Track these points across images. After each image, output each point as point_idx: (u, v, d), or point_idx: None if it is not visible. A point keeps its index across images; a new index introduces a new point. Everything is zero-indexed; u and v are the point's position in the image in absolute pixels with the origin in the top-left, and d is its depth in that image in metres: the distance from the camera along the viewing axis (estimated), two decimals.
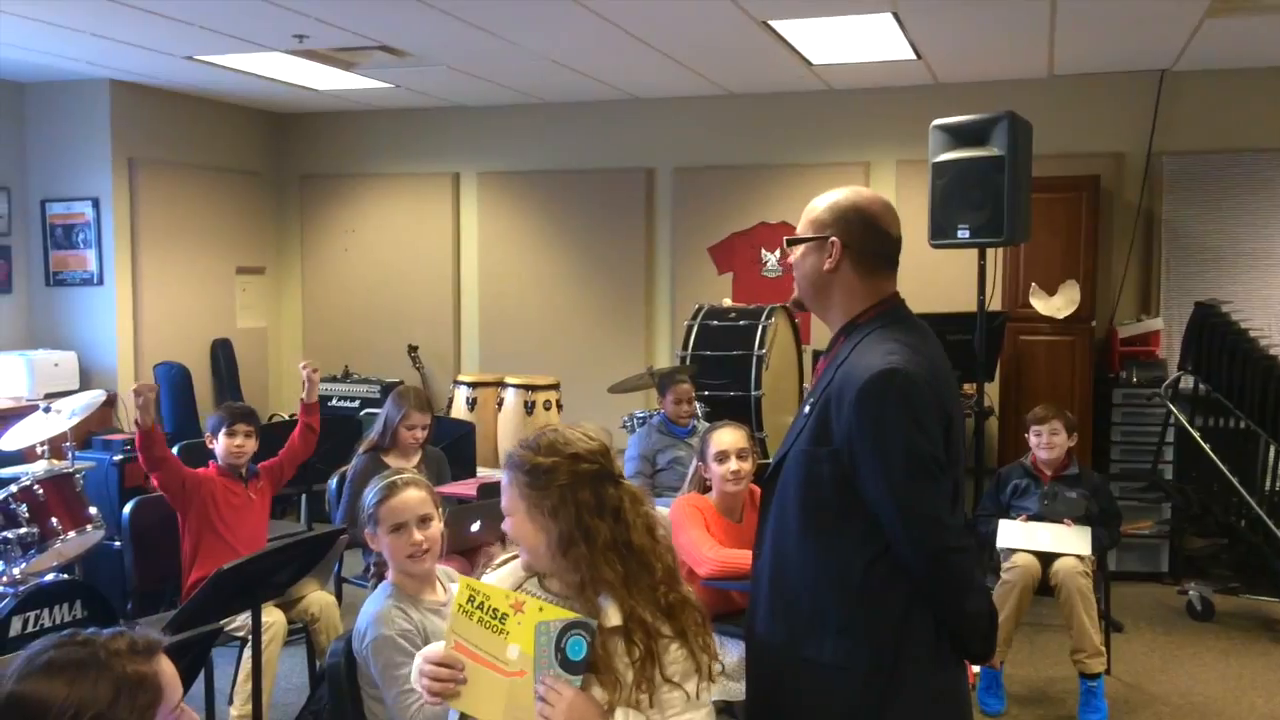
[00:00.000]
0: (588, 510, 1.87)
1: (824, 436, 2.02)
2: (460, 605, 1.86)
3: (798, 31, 5.42)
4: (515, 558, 2.02)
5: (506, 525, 1.94)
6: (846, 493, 1.99)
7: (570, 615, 1.79)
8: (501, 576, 2.01)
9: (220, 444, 4.22)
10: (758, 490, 3.58)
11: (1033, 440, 4.81)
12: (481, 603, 1.84)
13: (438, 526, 2.69)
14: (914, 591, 1.99)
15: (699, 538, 3.36)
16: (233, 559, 2.90)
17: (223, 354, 7.62)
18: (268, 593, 3.15)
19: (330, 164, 8.13)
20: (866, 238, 2.12)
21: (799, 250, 2.17)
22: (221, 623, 2.82)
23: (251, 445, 4.26)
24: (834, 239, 2.11)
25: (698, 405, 5.48)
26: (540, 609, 1.79)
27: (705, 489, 3.62)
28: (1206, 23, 5.24)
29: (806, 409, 2.10)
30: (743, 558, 3.12)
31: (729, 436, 3.57)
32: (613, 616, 1.83)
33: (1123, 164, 6.55)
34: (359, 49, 5.93)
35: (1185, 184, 6.40)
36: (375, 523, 2.67)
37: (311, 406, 4.49)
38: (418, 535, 2.62)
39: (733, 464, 3.50)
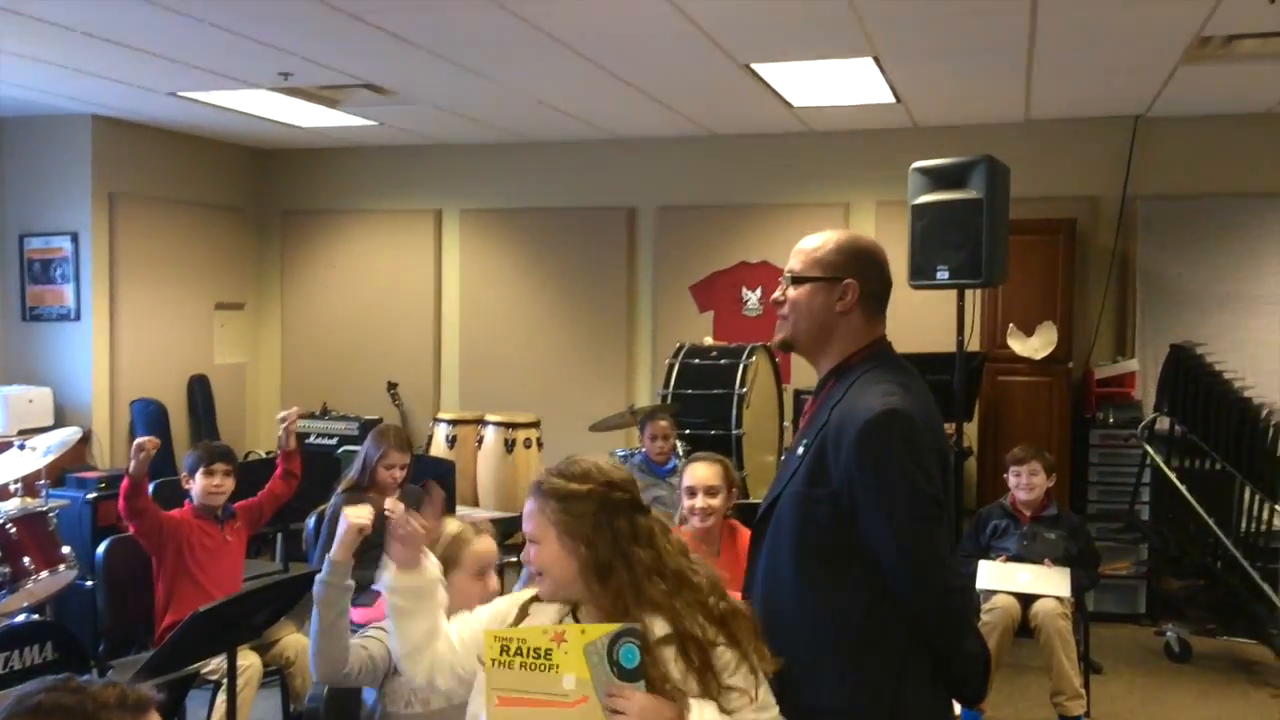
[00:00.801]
0: (625, 538, 1.89)
1: (821, 478, 2.01)
2: (494, 660, 1.84)
3: (779, 75, 5.48)
4: (531, 599, 2.03)
5: (530, 554, 1.94)
6: (844, 534, 1.98)
7: (614, 626, 1.80)
8: (536, 618, 2.01)
9: (197, 484, 4.17)
10: (735, 526, 3.57)
11: (1012, 481, 4.83)
12: (519, 648, 1.83)
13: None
14: (911, 633, 1.98)
15: None
16: (207, 602, 2.86)
17: (200, 391, 7.56)
18: (243, 635, 3.11)
19: (313, 200, 8.13)
20: (876, 281, 2.14)
21: (802, 289, 2.13)
22: (197, 666, 2.77)
23: (229, 484, 4.21)
24: (851, 281, 2.11)
25: (679, 444, 5.48)
26: (582, 631, 1.80)
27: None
28: (1180, 70, 5.34)
29: (800, 450, 2.08)
30: None
31: (701, 471, 3.57)
32: (658, 628, 1.84)
33: (1098, 207, 6.63)
34: (343, 87, 5.95)
35: (1159, 228, 6.48)
36: (456, 564, 2.63)
37: (291, 453, 4.45)
38: (493, 583, 2.67)
39: (699, 500, 3.51)
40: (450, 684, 2.12)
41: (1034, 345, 6.26)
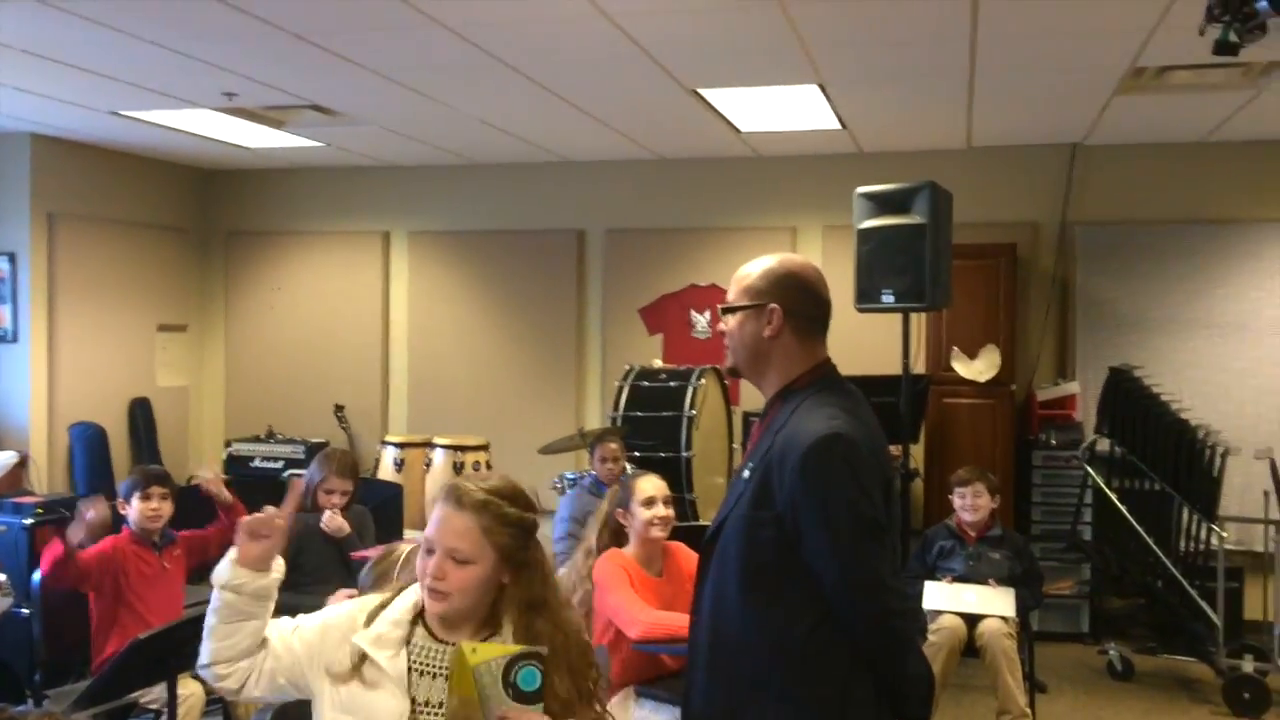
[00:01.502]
0: (540, 567, 1.94)
1: (766, 500, 2.02)
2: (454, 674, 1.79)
3: (727, 100, 5.54)
4: (379, 607, 1.99)
5: (448, 571, 1.89)
6: (788, 557, 2.00)
7: (513, 648, 1.77)
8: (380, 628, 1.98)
9: (134, 508, 4.09)
10: (674, 546, 3.57)
11: (957, 502, 4.88)
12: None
13: None
14: (855, 656, 2.00)
15: (627, 599, 3.33)
16: (146, 630, 2.80)
17: (141, 414, 7.43)
18: (184, 663, 3.04)
19: (258, 221, 8.05)
20: (804, 303, 2.16)
21: (734, 318, 2.18)
22: (136, 695, 2.71)
23: (167, 509, 4.13)
24: (774, 306, 2.14)
25: (629, 466, 5.48)
26: (474, 650, 1.75)
27: (619, 539, 3.58)
28: (1115, 100, 5.48)
29: (746, 474, 2.11)
30: (674, 620, 3.11)
31: (654, 483, 3.57)
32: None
33: (1038, 233, 6.76)
34: (289, 107, 5.91)
35: (1097, 253, 6.62)
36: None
37: (232, 506, 4.32)
38: None
39: (660, 509, 3.49)
40: (266, 693, 2.01)
41: (978, 368, 6.36)
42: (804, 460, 1.97)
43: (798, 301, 2.16)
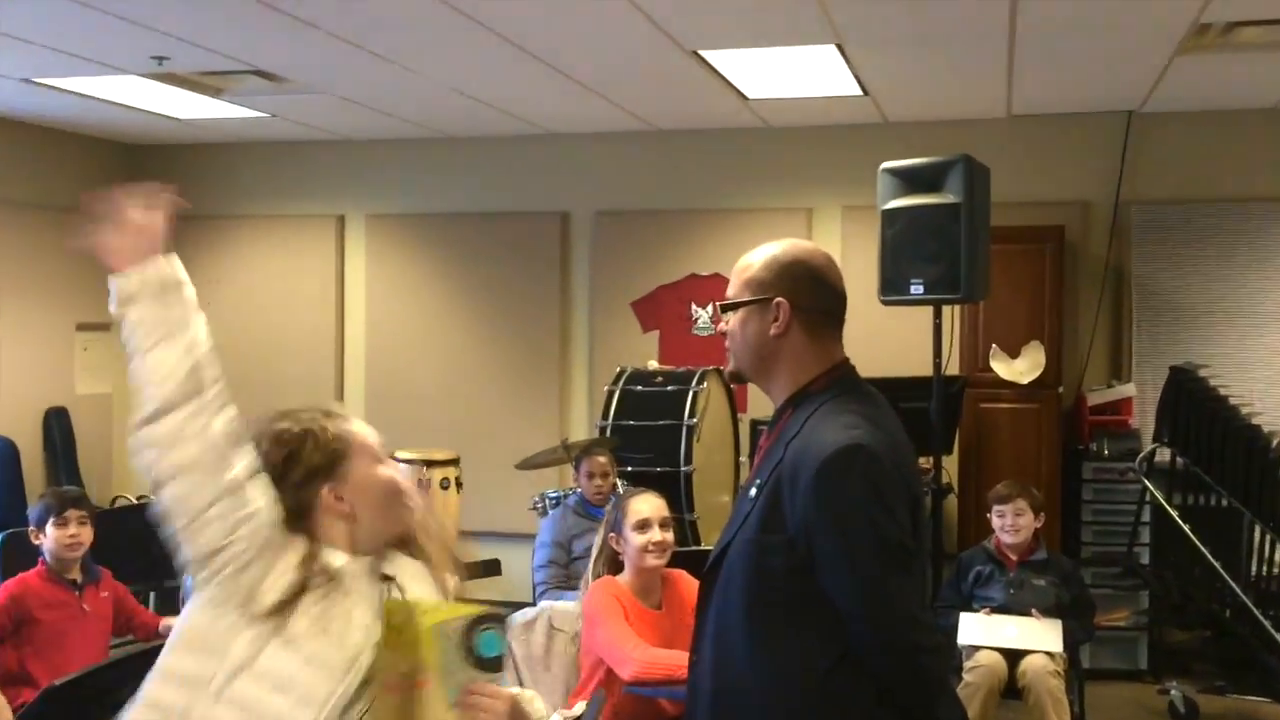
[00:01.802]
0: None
1: (775, 523, 2.01)
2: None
3: (731, 63, 5.53)
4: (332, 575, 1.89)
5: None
6: (802, 587, 1.99)
7: (473, 609, 1.73)
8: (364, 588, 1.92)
9: (49, 537, 4.05)
10: (674, 574, 3.56)
11: (995, 522, 4.87)
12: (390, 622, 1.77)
13: None
14: (878, 700, 1.99)
15: (620, 634, 3.31)
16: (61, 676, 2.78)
17: (58, 425, 7.40)
18: (106, 714, 3.02)
19: (193, 203, 7.95)
20: (815, 296, 2.15)
21: (736, 316, 2.17)
22: None
23: (87, 535, 4.10)
24: (780, 300, 2.13)
25: (620, 482, 5.47)
26: (428, 610, 1.72)
27: (615, 566, 3.58)
28: (1176, 61, 5.48)
29: (753, 491, 2.09)
30: (673, 659, 3.09)
31: (650, 503, 3.56)
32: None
33: (1088, 213, 6.77)
34: (229, 73, 5.89)
35: (1155, 235, 6.63)
36: None
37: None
38: None
39: (655, 533, 3.48)
40: (214, 540, 1.78)
41: (1020, 368, 6.35)
42: (819, 476, 1.97)
43: (807, 294, 2.15)
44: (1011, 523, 4.81)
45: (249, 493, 1.82)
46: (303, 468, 1.93)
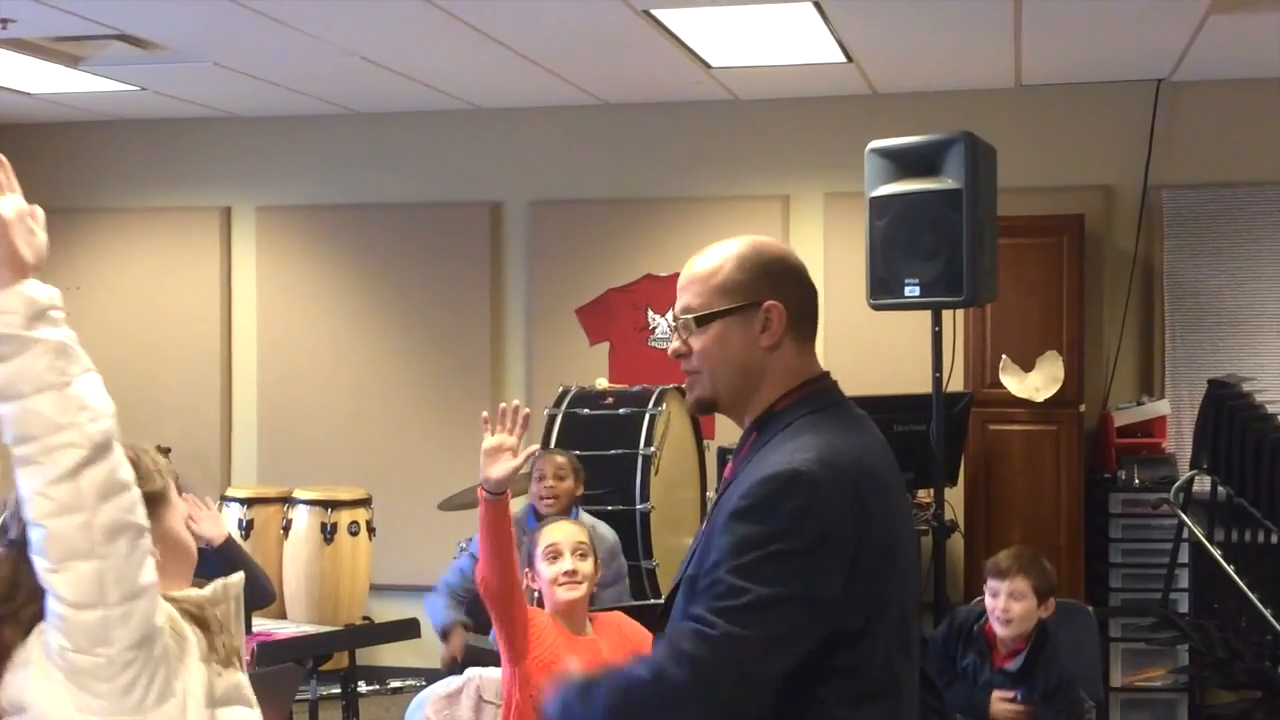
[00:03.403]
0: None
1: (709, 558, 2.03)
2: None
3: (690, 24, 5.54)
4: None
5: None
6: None
7: None
8: None
9: None
10: (613, 615, 3.61)
11: (988, 600, 4.51)
12: None
13: None
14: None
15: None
16: None
17: None
18: None
19: (46, 194, 7.79)
20: (802, 296, 2.17)
21: (712, 330, 2.13)
22: None
23: None
24: (772, 303, 2.12)
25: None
26: None
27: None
28: (1211, 20, 5.54)
29: (705, 525, 2.12)
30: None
31: (564, 530, 3.61)
32: None
33: (1112, 200, 6.83)
34: (89, 38, 5.84)
35: (1191, 225, 6.69)
36: None
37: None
38: None
39: (566, 561, 3.50)
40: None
41: (1034, 383, 6.39)
42: (742, 499, 1.98)
43: (795, 295, 2.15)
44: (1004, 607, 4.49)
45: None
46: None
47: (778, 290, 2.13)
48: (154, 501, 1.91)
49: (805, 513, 1.95)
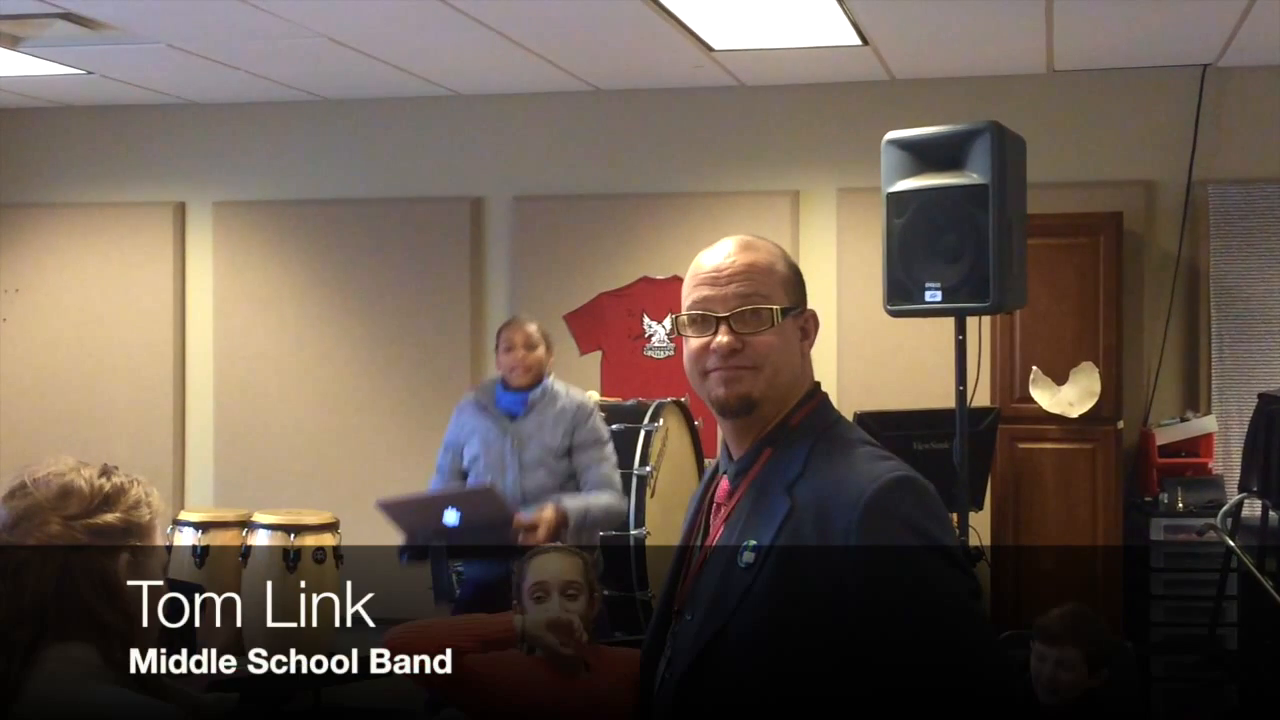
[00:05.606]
0: None
1: (803, 591, 2.01)
2: None
3: (689, 1, 5.55)
4: None
5: None
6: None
7: None
8: None
9: None
10: (609, 648, 3.57)
11: (1034, 663, 4.45)
12: None
13: None
14: None
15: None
16: None
17: None
18: None
19: None
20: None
21: (783, 326, 2.17)
22: None
23: None
24: (813, 310, 2.22)
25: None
26: None
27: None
28: (1261, 1, 5.56)
29: (748, 556, 2.06)
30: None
31: (555, 563, 3.54)
32: None
33: (1153, 197, 6.84)
34: (29, 17, 5.84)
35: (1239, 224, 6.70)
36: None
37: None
38: None
39: (554, 604, 3.48)
40: None
41: (1068, 397, 6.39)
42: (868, 510, 1.99)
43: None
44: (1051, 675, 4.48)
45: None
46: None
47: (805, 295, 2.23)
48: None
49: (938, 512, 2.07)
